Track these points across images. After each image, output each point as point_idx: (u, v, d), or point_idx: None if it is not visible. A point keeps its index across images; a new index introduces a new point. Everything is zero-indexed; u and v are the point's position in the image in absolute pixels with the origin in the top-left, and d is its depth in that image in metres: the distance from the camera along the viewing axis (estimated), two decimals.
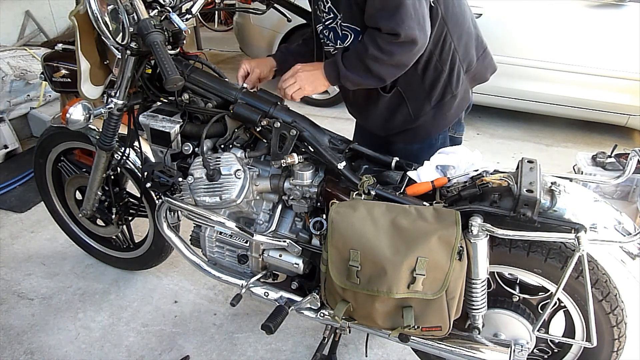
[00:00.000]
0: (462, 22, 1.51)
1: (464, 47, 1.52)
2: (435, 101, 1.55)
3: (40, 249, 2.49)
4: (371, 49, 1.36)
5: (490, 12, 3.49)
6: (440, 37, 1.46)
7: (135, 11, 1.31)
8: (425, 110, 1.56)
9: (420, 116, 1.57)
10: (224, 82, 1.56)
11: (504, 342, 1.43)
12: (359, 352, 1.92)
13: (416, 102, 1.55)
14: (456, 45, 1.49)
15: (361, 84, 1.47)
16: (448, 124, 1.64)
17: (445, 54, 1.49)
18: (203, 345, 1.96)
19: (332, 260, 1.32)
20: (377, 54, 1.36)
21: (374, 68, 1.39)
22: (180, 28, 1.42)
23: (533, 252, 1.32)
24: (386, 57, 1.36)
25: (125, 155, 1.77)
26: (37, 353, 1.92)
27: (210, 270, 1.72)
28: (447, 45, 1.48)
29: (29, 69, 3.38)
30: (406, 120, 1.59)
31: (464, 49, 1.53)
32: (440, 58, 1.49)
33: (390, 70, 1.41)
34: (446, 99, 1.55)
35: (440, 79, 1.51)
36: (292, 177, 1.53)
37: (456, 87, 1.54)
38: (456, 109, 1.61)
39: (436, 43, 1.46)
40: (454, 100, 1.57)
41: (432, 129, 1.62)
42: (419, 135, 1.63)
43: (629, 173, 1.34)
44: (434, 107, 1.56)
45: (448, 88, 1.53)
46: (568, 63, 3.44)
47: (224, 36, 7.08)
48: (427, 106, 1.55)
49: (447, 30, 1.46)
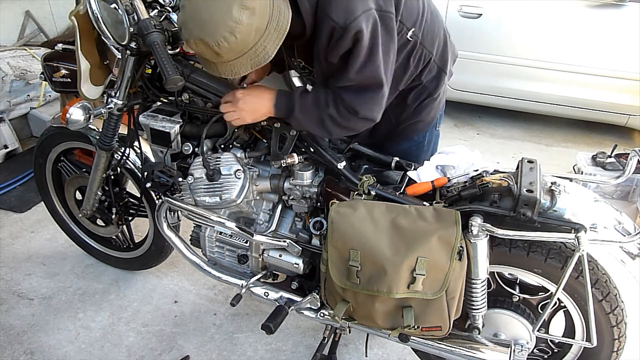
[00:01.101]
0: (438, 33, 1.50)
1: (441, 55, 1.53)
2: (415, 105, 1.55)
3: (40, 249, 2.49)
4: (331, 109, 1.34)
5: (490, 12, 3.49)
6: (419, 58, 1.46)
7: (135, 11, 1.31)
8: (405, 114, 1.57)
9: (402, 121, 1.58)
10: (224, 82, 1.55)
11: (504, 342, 1.44)
12: (359, 352, 1.92)
13: (397, 109, 1.56)
14: (434, 57, 1.50)
15: (307, 129, 1.43)
16: (429, 124, 1.65)
17: (423, 69, 1.49)
18: (203, 345, 1.96)
19: (332, 260, 1.32)
20: (335, 116, 1.34)
21: (327, 125, 1.36)
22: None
23: (533, 252, 1.32)
24: (343, 121, 1.35)
25: (125, 155, 1.77)
26: (37, 353, 1.92)
27: (210, 270, 1.72)
28: (426, 62, 1.48)
29: (29, 69, 3.38)
30: (388, 128, 1.60)
31: (441, 56, 1.53)
32: (419, 73, 1.49)
33: (340, 131, 1.40)
34: (425, 101, 1.56)
35: (417, 87, 1.52)
36: (292, 177, 1.53)
37: (435, 90, 1.55)
38: (436, 110, 1.62)
39: (416, 64, 1.46)
40: (434, 101, 1.58)
41: (415, 130, 1.63)
42: (404, 136, 1.64)
43: (629, 173, 1.34)
44: (414, 111, 1.56)
45: (428, 92, 1.54)
46: (568, 63, 3.44)
47: None
48: (407, 110, 1.56)
49: (424, 50, 1.45)
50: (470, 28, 3.51)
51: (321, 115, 1.35)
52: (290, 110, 1.38)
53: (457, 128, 3.92)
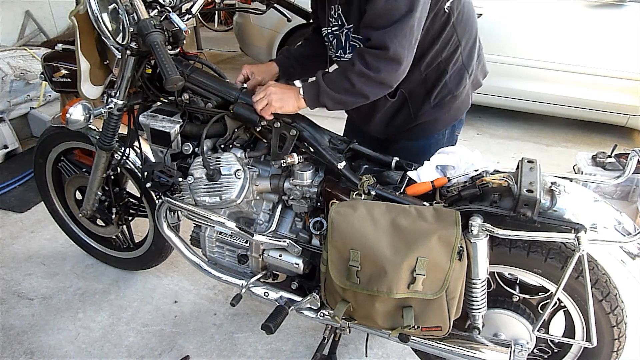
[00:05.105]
0: (471, 29, 1.52)
1: (469, 51, 1.54)
2: (435, 101, 1.55)
3: (40, 249, 2.49)
4: (358, 64, 1.33)
5: (490, 12, 3.49)
6: (448, 41, 1.47)
7: (135, 11, 1.31)
8: (424, 110, 1.56)
9: (420, 115, 1.57)
10: (224, 82, 1.56)
11: (504, 342, 1.43)
12: (359, 352, 1.92)
13: (416, 102, 1.55)
14: (462, 49, 1.51)
15: (342, 101, 1.40)
16: (448, 124, 1.64)
17: (450, 56, 1.49)
18: (203, 345, 1.96)
19: (332, 260, 1.32)
20: (364, 69, 1.32)
21: (358, 85, 1.35)
22: (180, 28, 1.42)
23: (533, 252, 1.32)
24: (372, 72, 1.32)
25: (125, 155, 1.77)
26: (37, 353, 1.92)
27: (210, 270, 1.72)
28: (454, 48, 1.49)
29: (29, 69, 3.38)
30: (406, 121, 1.59)
31: (468, 53, 1.54)
32: (445, 59, 1.49)
33: (373, 88, 1.37)
34: (446, 98, 1.55)
35: (441, 79, 1.52)
36: (292, 177, 1.53)
37: (457, 88, 1.54)
38: (456, 111, 1.61)
39: (444, 46, 1.47)
40: (454, 100, 1.57)
41: (432, 127, 1.62)
42: (420, 133, 1.63)
43: (629, 173, 1.34)
44: (434, 107, 1.56)
45: (449, 88, 1.54)
46: (568, 63, 3.44)
47: (224, 36, 7.08)
48: (427, 105, 1.55)
49: (455, 34, 1.47)
50: None
51: (350, 78, 1.34)
52: (317, 88, 1.39)
53: None
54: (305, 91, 1.42)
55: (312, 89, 1.41)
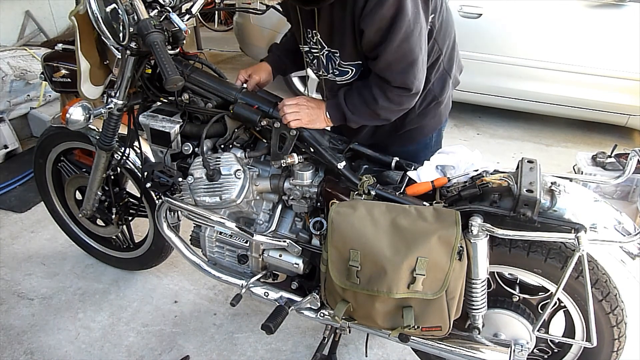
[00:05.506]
0: (450, 34, 1.51)
1: (449, 56, 1.54)
2: (420, 109, 1.55)
3: (40, 249, 2.49)
4: (382, 102, 1.38)
5: (490, 12, 3.49)
6: (430, 52, 1.45)
7: (135, 11, 1.31)
8: (409, 118, 1.56)
9: (406, 124, 1.58)
10: (224, 82, 1.56)
11: (504, 342, 1.43)
12: (359, 352, 1.92)
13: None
14: (443, 56, 1.50)
15: (368, 124, 1.53)
16: (435, 129, 1.65)
17: (432, 65, 1.49)
18: (203, 345, 1.96)
19: (332, 260, 1.32)
20: (387, 104, 1.39)
21: (383, 114, 1.43)
22: (180, 28, 1.42)
23: (533, 252, 1.32)
24: (395, 106, 1.40)
25: (125, 155, 1.77)
26: (37, 353, 1.92)
27: (210, 270, 1.72)
28: (436, 57, 1.48)
29: (29, 69, 3.38)
30: (391, 131, 1.60)
31: (449, 58, 1.54)
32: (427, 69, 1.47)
33: (397, 114, 1.46)
34: (430, 105, 1.56)
35: (425, 88, 1.51)
36: (292, 177, 1.53)
37: (440, 94, 1.55)
38: (440, 116, 1.63)
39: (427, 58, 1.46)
40: (439, 106, 1.58)
41: (419, 133, 1.63)
42: (407, 140, 1.64)
43: (629, 173, 1.34)
44: (419, 115, 1.56)
45: (433, 95, 1.54)
46: (568, 63, 3.44)
47: (224, 36, 7.07)
48: (412, 114, 1.55)
49: (437, 45, 1.46)
50: (470, 28, 3.51)
51: (374, 110, 1.41)
52: (343, 115, 1.45)
53: (457, 128, 3.92)
54: (331, 114, 1.48)
55: (337, 113, 1.47)
